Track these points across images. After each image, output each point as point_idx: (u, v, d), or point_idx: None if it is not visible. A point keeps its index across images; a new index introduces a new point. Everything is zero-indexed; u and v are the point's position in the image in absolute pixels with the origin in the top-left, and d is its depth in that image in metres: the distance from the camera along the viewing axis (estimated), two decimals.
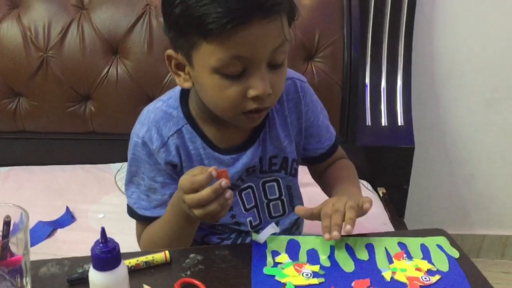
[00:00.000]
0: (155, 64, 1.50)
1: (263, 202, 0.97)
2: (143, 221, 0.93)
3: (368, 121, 1.61)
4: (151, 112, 0.90)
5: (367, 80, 1.63)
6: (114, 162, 1.62)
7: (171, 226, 0.86)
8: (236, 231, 0.98)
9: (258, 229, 0.98)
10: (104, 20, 1.50)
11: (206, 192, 0.73)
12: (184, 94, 0.90)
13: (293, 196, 1.01)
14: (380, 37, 1.62)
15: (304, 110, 0.95)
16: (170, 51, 0.82)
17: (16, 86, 1.52)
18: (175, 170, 0.90)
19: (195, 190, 0.74)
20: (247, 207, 0.96)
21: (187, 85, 0.83)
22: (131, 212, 0.94)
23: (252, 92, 0.76)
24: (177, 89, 0.91)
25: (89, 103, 1.55)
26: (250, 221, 0.97)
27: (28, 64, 1.50)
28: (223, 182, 0.73)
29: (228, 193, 0.74)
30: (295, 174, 1.00)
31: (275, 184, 0.97)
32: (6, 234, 0.66)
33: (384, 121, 1.62)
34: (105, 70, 1.51)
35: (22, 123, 1.56)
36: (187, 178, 0.75)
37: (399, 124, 1.61)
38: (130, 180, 0.92)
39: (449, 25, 1.69)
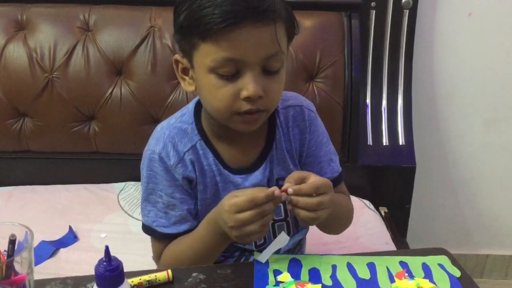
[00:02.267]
0: (159, 85, 1.52)
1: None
2: (163, 238, 0.92)
3: (370, 141, 1.62)
4: (165, 129, 0.91)
5: (368, 100, 1.64)
6: (117, 181, 1.62)
7: (203, 244, 0.87)
8: (240, 249, 0.98)
9: (262, 249, 0.98)
10: (109, 42, 1.53)
11: (269, 205, 0.77)
12: (198, 111, 0.92)
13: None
14: (380, 57, 1.64)
15: (308, 138, 0.96)
16: (177, 56, 0.87)
17: (21, 107, 1.54)
18: (191, 185, 0.91)
19: (255, 206, 0.77)
20: None
21: (191, 88, 0.87)
22: (149, 230, 0.93)
23: (243, 93, 0.79)
24: (191, 106, 0.94)
25: (93, 123, 1.56)
26: (255, 241, 0.97)
27: (34, 84, 1.52)
28: (283, 197, 0.78)
29: (270, 215, 0.78)
30: None
31: (281, 205, 0.97)
32: (11, 253, 0.66)
33: (385, 141, 1.63)
34: (109, 91, 1.53)
35: (27, 143, 1.58)
36: (244, 199, 0.77)
37: (401, 143, 1.62)
38: (147, 198, 0.92)
39: (448, 45, 1.71)
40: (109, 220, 1.46)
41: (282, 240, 0.85)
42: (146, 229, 0.94)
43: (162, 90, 1.53)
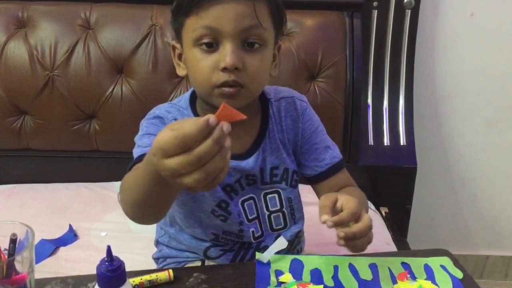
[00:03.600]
0: (160, 83, 1.52)
1: (265, 214, 0.98)
2: (136, 162, 0.84)
3: (371, 141, 1.62)
4: (166, 106, 0.95)
5: (370, 100, 1.64)
6: (117, 180, 1.62)
7: (143, 184, 0.70)
8: (239, 243, 0.98)
9: (260, 241, 0.99)
10: (110, 40, 1.52)
11: (206, 145, 0.56)
12: (193, 98, 0.95)
13: (294, 209, 1.02)
14: (382, 57, 1.64)
15: (301, 127, 0.98)
16: (173, 41, 0.93)
17: (21, 104, 1.53)
18: None
19: (186, 148, 0.57)
20: (249, 218, 0.97)
21: (183, 72, 0.92)
22: (128, 168, 0.84)
23: (221, 64, 0.82)
24: (187, 94, 0.97)
25: (93, 122, 1.56)
26: (253, 232, 0.98)
27: (34, 82, 1.51)
28: (225, 126, 0.57)
29: (228, 141, 0.59)
30: (295, 185, 1.01)
31: (276, 196, 0.98)
32: (12, 252, 0.66)
33: (386, 141, 1.63)
34: (110, 89, 1.52)
35: (27, 141, 1.57)
36: (171, 135, 0.57)
37: (402, 144, 1.62)
38: (136, 144, 0.90)
39: (450, 45, 1.71)
40: (109, 218, 1.46)
41: (282, 244, 0.86)
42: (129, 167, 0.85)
43: (163, 88, 1.52)
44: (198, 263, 1.01)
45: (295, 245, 1.04)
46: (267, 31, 0.85)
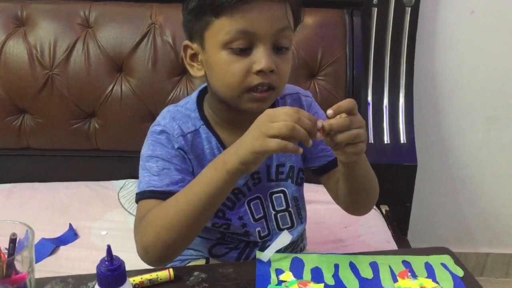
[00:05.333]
0: (159, 82, 1.52)
1: (271, 213, 0.99)
2: (152, 197, 0.86)
3: (371, 139, 1.62)
4: (171, 112, 0.94)
5: (370, 98, 1.64)
6: (117, 179, 1.62)
7: (201, 187, 0.79)
8: (244, 241, 0.98)
9: (266, 240, 0.99)
10: (109, 38, 1.52)
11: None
12: (200, 99, 0.94)
13: (300, 208, 1.02)
14: (382, 55, 1.64)
15: None
16: (187, 41, 0.89)
17: (21, 103, 1.53)
18: (185, 159, 0.90)
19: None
20: (256, 217, 0.97)
21: (199, 73, 0.89)
22: (140, 195, 0.88)
23: (256, 66, 0.81)
24: (194, 95, 0.96)
25: (93, 120, 1.55)
26: (259, 231, 0.98)
27: (34, 81, 1.51)
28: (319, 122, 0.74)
29: (301, 130, 0.73)
30: (301, 184, 1.01)
31: (282, 195, 0.98)
32: (12, 252, 0.66)
33: (386, 139, 1.62)
34: (110, 88, 1.52)
35: (27, 140, 1.57)
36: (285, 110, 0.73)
37: (402, 141, 1.62)
38: (143, 166, 0.90)
39: (450, 43, 1.71)
40: (110, 217, 1.46)
41: (285, 239, 0.85)
42: (138, 196, 0.88)
43: (163, 87, 1.52)
44: (203, 262, 1.01)
45: (298, 243, 1.04)
46: (292, 32, 0.86)
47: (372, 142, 1.62)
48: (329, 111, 0.75)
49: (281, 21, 0.82)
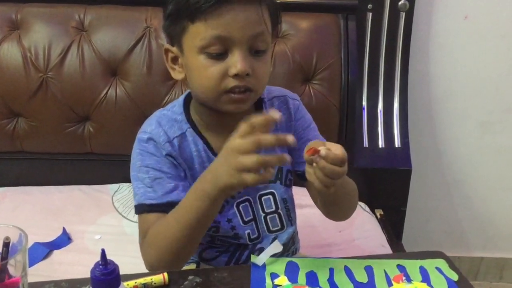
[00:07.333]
0: (154, 86, 1.51)
1: (261, 215, 0.98)
2: (151, 211, 0.89)
3: (366, 143, 1.62)
4: (157, 117, 0.94)
5: (364, 103, 1.65)
6: (111, 183, 1.61)
7: (187, 209, 0.82)
8: (234, 244, 0.98)
9: (256, 242, 0.99)
10: (104, 42, 1.52)
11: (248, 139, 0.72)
12: (187, 103, 0.95)
13: (290, 210, 1.02)
14: (376, 60, 1.64)
15: (294, 124, 0.99)
16: (167, 45, 0.91)
17: (15, 107, 1.52)
18: (175, 165, 0.91)
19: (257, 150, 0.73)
20: (245, 219, 0.97)
21: (180, 76, 0.91)
22: (139, 207, 0.91)
23: (232, 70, 0.82)
24: (180, 98, 0.96)
25: (87, 124, 1.55)
26: (249, 234, 0.97)
27: (28, 85, 1.50)
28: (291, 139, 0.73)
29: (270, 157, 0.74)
30: (289, 185, 1.01)
31: (271, 197, 0.98)
32: (5, 256, 0.65)
33: (381, 143, 1.63)
34: (104, 91, 1.52)
35: (21, 144, 1.56)
36: (248, 139, 0.73)
37: (396, 146, 1.62)
38: (135, 176, 0.92)
39: (444, 48, 1.72)
40: (103, 221, 1.45)
41: (276, 249, 0.85)
42: (137, 208, 0.91)
43: (158, 91, 1.52)
44: (193, 266, 1.00)
45: (289, 246, 1.04)
46: (270, 35, 0.86)
47: (367, 146, 1.62)
48: (323, 152, 0.76)
49: (256, 26, 0.82)
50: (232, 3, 0.80)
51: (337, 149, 0.78)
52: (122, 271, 0.68)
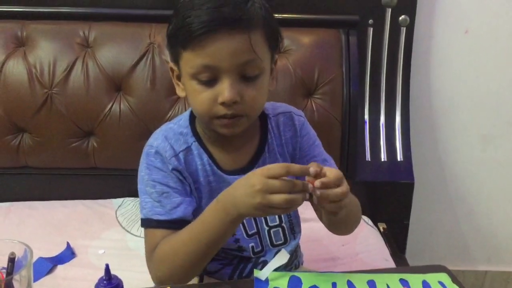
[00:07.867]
0: (158, 101, 1.53)
1: (264, 229, 0.99)
2: (159, 227, 0.90)
3: (368, 157, 1.63)
4: (163, 130, 0.96)
5: (366, 116, 1.65)
6: (115, 197, 1.62)
7: (204, 227, 0.83)
8: (238, 257, 0.98)
9: (260, 256, 0.99)
10: (109, 58, 1.53)
11: (281, 182, 0.75)
12: (193, 116, 0.96)
13: (294, 224, 1.02)
14: (378, 74, 1.65)
15: (299, 141, 1.00)
16: (171, 63, 0.92)
17: (20, 122, 1.54)
18: (181, 180, 0.92)
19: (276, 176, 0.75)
20: (249, 233, 0.98)
21: (183, 94, 0.92)
22: (146, 221, 0.92)
23: (219, 99, 0.83)
24: (187, 112, 0.98)
25: (92, 139, 1.56)
26: (252, 247, 0.98)
27: (33, 100, 1.52)
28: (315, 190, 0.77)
29: (298, 197, 0.77)
30: None
31: None
32: (11, 271, 0.66)
33: (383, 157, 1.63)
34: (108, 107, 1.53)
35: (25, 159, 1.57)
36: (282, 183, 0.75)
37: (399, 159, 1.63)
38: (143, 190, 0.93)
39: (445, 62, 1.73)
40: (107, 236, 1.45)
41: (283, 258, 0.85)
42: (144, 222, 0.92)
43: (161, 106, 1.53)
44: (196, 280, 1.00)
45: (292, 260, 1.04)
46: (264, 60, 0.86)
47: (369, 160, 1.62)
48: (317, 183, 0.77)
49: (244, 54, 0.82)
50: (218, 32, 0.80)
51: (330, 173, 0.79)
52: (126, 286, 0.68)
